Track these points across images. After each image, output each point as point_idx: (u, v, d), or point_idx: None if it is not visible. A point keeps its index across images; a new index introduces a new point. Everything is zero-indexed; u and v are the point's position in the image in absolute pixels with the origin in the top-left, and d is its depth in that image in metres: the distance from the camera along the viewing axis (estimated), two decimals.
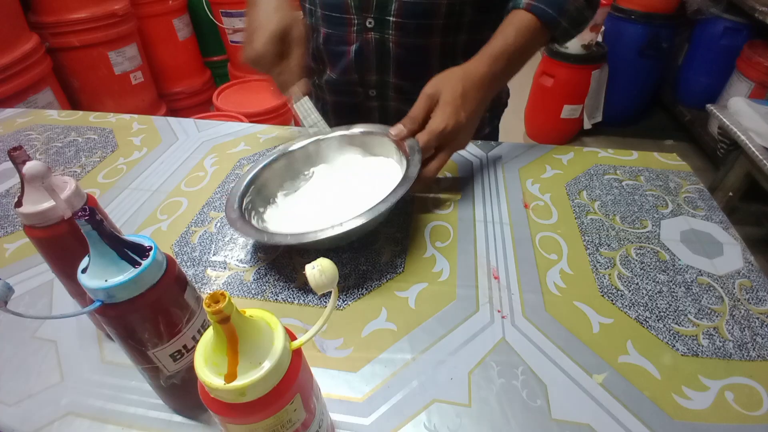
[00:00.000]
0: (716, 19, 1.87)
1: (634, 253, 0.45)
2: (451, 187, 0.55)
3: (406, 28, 0.59)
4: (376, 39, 0.61)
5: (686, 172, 0.57)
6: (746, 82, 1.72)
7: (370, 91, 0.67)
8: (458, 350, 0.36)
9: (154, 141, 0.66)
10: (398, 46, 0.61)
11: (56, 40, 1.51)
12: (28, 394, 0.34)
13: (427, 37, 0.60)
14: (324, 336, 0.38)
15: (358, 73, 0.65)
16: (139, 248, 0.25)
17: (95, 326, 0.39)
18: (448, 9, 0.58)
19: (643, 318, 0.39)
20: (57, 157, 0.64)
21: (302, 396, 0.23)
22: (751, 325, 0.38)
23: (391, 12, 0.58)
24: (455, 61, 0.63)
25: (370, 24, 0.60)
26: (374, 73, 0.64)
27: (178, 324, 0.27)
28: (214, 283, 0.43)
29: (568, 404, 0.33)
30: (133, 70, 1.72)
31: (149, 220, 0.51)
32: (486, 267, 0.44)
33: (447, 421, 0.32)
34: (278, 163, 0.51)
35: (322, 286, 0.23)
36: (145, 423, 0.32)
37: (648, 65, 2.06)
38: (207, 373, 0.21)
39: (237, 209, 0.44)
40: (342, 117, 0.74)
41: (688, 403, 0.33)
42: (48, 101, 1.44)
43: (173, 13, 1.87)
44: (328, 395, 0.34)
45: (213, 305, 0.19)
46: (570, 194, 0.53)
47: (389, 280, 0.43)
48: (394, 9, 0.58)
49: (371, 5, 0.59)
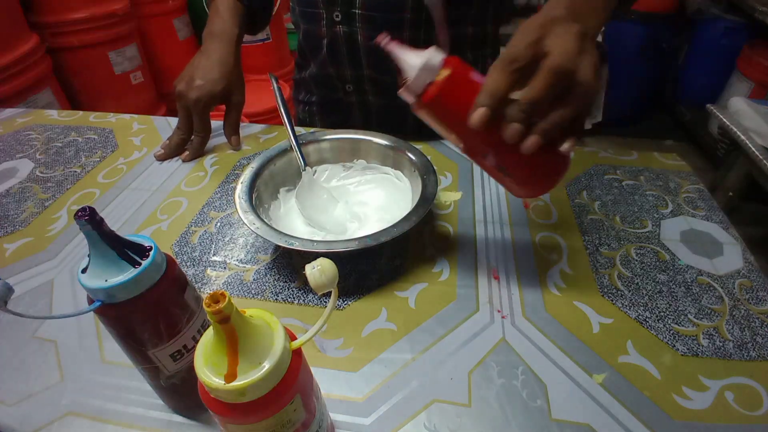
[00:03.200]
0: (716, 19, 1.88)
1: (634, 253, 0.45)
2: (451, 187, 0.55)
3: (373, 21, 0.59)
4: (345, 32, 0.61)
5: (686, 172, 0.57)
6: (746, 82, 1.72)
7: (347, 86, 0.68)
8: (458, 350, 0.36)
9: (154, 141, 0.66)
10: (368, 39, 0.61)
11: (56, 40, 1.50)
12: (28, 394, 0.34)
13: (396, 31, 0.60)
14: (324, 336, 0.38)
15: (333, 67, 0.66)
16: (139, 248, 0.25)
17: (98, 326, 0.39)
18: (415, 2, 0.58)
19: (643, 318, 0.39)
20: (57, 157, 0.64)
21: (302, 396, 0.23)
22: (751, 325, 0.38)
23: (356, 5, 0.59)
24: None
25: (338, 17, 0.61)
26: (348, 67, 0.65)
27: (178, 324, 0.27)
28: (214, 283, 0.43)
29: (568, 404, 0.33)
30: (133, 70, 1.72)
31: (149, 220, 0.51)
32: (486, 267, 0.44)
33: (447, 421, 0.32)
34: (281, 159, 0.51)
35: (322, 286, 0.23)
36: (145, 423, 0.32)
37: (648, 65, 2.06)
38: (207, 373, 0.21)
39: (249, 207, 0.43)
40: (326, 114, 0.75)
41: (688, 403, 0.33)
42: (48, 101, 1.44)
43: (173, 13, 1.87)
44: (328, 395, 0.34)
45: (213, 305, 0.19)
46: (570, 194, 0.53)
47: (389, 280, 0.43)
48: (359, 2, 0.58)
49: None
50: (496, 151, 0.33)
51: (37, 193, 0.57)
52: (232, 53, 0.62)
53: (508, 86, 0.30)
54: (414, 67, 0.32)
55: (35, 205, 0.55)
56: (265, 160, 0.50)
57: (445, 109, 0.33)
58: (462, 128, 0.32)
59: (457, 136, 0.34)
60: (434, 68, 0.32)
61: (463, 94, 0.32)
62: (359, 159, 0.54)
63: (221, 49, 0.61)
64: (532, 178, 0.34)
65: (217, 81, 0.60)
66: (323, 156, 0.54)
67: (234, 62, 0.62)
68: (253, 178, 0.47)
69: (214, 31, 0.62)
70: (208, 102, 0.60)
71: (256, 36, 0.73)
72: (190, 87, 0.60)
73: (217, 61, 0.61)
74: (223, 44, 0.62)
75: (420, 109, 0.34)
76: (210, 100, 0.60)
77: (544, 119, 0.30)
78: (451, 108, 0.33)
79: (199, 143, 0.62)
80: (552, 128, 0.30)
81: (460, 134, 0.34)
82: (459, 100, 0.32)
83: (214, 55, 0.61)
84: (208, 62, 0.61)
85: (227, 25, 0.62)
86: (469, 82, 0.32)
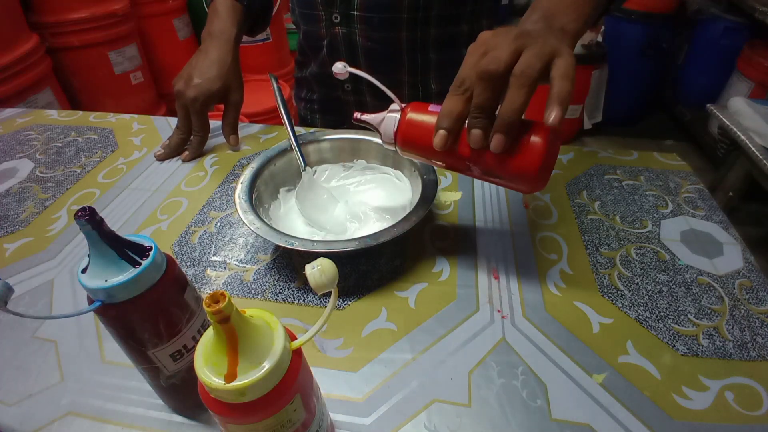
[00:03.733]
0: (716, 19, 1.88)
1: (634, 253, 0.45)
2: (451, 187, 0.55)
3: (371, 22, 0.60)
4: (344, 33, 0.62)
5: (686, 172, 0.57)
6: (746, 82, 1.72)
7: (345, 85, 0.68)
8: (458, 350, 0.36)
9: (154, 141, 0.66)
10: (366, 39, 0.61)
11: (56, 40, 1.51)
12: (28, 394, 0.34)
13: (394, 31, 0.61)
14: (324, 336, 0.38)
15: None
16: (139, 248, 0.25)
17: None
18: (413, 2, 0.58)
19: (643, 318, 0.39)
20: (57, 156, 0.64)
21: (302, 396, 0.23)
22: (751, 325, 0.38)
23: (354, 6, 0.59)
24: (426, 55, 0.64)
25: (336, 19, 0.61)
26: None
27: (178, 324, 0.27)
28: (214, 283, 0.43)
29: (568, 404, 0.33)
30: (133, 70, 1.72)
31: (149, 220, 0.51)
32: (486, 267, 0.44)
33: (447, 421, 0.32)
34: (281, 159, 0.51)
35: (322, 286, 0.23)
36: (145, 423, 0.32)
37: (648, 65, 2.06)
38: (207, 373, 0.21)
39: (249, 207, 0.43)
40: (326, 112, 0.75)
41: (688, 403, 0.33)
42: (48, 101, 1.44)
43: (173, 13, 1.87)
44: (328, 395, 0.34)
45: (213, 305, 0.19)
46: (570, 194, 0.53)
47: (389, 280, 0.43)
48: (357, 3, 0.59)
49: (335, 1, 0.60)
50: (475, 161, 0.36)
51: (37, 193, 0.57)
52: (230, 52, 0.62)
53: (460, 107, 0.34)
54: (379, 122, 0.39)
55: (35, 205, 0.55)
56: (265, 160, 0.50)
57: (415, 144, 0.38)
58: (437, 154, 0.36)
59: (438, 160, 0.38)
60: (394, 117, 0.38)
61: (425, 125, 0.36)
62: (359, 159, 0.54)
63: (219, 48, 0.61)
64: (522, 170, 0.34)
65: (214, 79, 0.60)
66: (323, 156, 0.54)
67: (232, 61, 0.62)
68: (253, 178, 0.47)
69: (212, 31, 0.62)
70: (205, 101, 0.60)
71: (256, 36, 0.73)
72: (188, 86, 0.60)
73: (215, 60, 0.61)
74: (221, 44, 0.62)
75: (401, 151, 0.39)
76: (208, 99, 0.60)
77: (498, 116, 0.32)
78: (419, 141, 0.37)
79: (198, 143, 0.62)
80: (508, 119, 0.32)
81: (439, 158, 0.37)
82: (423, 132, 0.37)
83: (212, 55, 0.61)
84: (206, 61, 0.61)
85: (226, 25, 0.62)
86: (428, 114, 0.37)
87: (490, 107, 0.33)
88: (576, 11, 0.38)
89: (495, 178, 0.36)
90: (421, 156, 0.39)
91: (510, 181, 0.36)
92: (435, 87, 0.67)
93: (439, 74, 0.67)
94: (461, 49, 0.65)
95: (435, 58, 0.65)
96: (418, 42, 0.62)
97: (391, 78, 0.54)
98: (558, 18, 0.37)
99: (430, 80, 0.67)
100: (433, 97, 0.68)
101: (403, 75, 0.65)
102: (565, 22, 0.37)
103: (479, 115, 0.33)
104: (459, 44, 0.65)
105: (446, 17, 0.61)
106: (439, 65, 0.66)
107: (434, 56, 0.64)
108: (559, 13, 0.38)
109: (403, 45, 0.62)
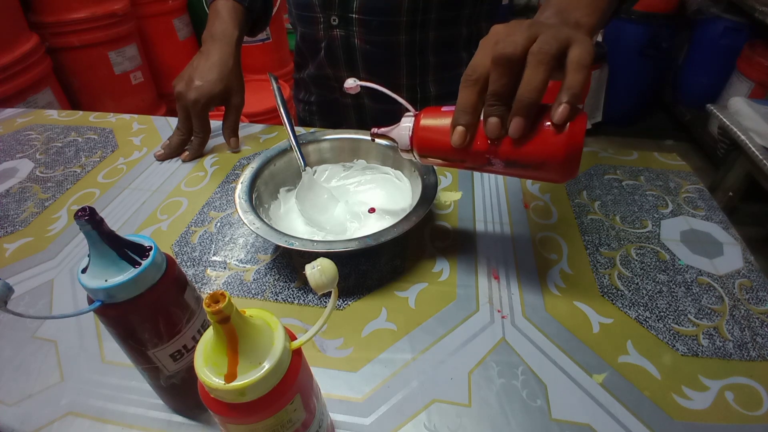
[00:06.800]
0: (716, 19, 1.88)
1: (634, 253, 0.45)
2: (451, 187, 0.55)
3: (369, 25, 0.60)
4: (342, 36, 0.62)
5: (686, 172, 0.57)
6: (746, 82, 1.72)
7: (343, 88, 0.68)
8: (458, 350, 0.36)
9: (154, 141, 0.66)
10: (364, 42, 0.61)
11: (56, 40, 1.51)
12: (28, 394, 0.34)
13: (392, 34, 0.60)
14: (324, 336, 0.38)
15: (330, 69, 0.66)
16: (139, 248, 0.25)
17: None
18: (411, 6, 0.58)
19: (643, 318, 0.39)
20: (57, 156, 0.64)
21: (302, 396, 0.23)
22: (751, 325, 0.38)
23: (353, 9, 0.59)
24: (425, 58, 0.64)
25: (335, 21, 0.61)
26: (343, 69, 0.65)
27: (178, 324, 0.27)
28: (214, 283, 0.43)
29: (568, 404, 0.33)
30: (133, 70, 1.72)
31: (149, 220, 0.51)
32: (486, 267, 0.44)
33: (447, 421, 0.32)
34: (281, 159, 0.51)
35: (322, 286, 0.23)
36: (145, 423, 0.32)
37: (648, 65, 2.06)
38: (207, 373, 0.21)
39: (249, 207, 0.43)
40: (324, 114, 0.76)
41: (688, 403, 0.33)
42: (48, 101, 1.44)
43: (173, 13, 1.87)
44: (328, 395, 0.34)
45: (213, 305, 0.19)
46: (570, 194, 0.53)
47: (389, 280, 0.43)
48: (356, 6, 0.59)
49: (334, 3, 0.60)
50: (496, 153, 0.34)
51: (37, 193, 0.57)
52: (231, 54, 0.62)
53: (474, 99, 0.32)
54: (395, 131, 0.38)
55: (35, 205, 0.55)
56: (265, 160, 0.50)
57: (432, 147, 0.36)
58: (457, 152, 0.35)
59: (458, 159, 0.36)
60: (408, 124, 0.37)
61: (440, 127, 0.35)
62: (359, 159, 0.54)
63: (221, 50, 0.61)
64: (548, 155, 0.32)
65: (215, 82, 0.60)
66: (323, 156, 0.54)
67: (233, 64, 0.62)
68: (253, 178, 0.47)
69: (214, 33, 0.62)
70: (206, 103, 0.60)
71: (256, 36, 0.73)
72: (189, 88, 0.60)
73: (217, 62, 0.61)
74: (222, 46, 0.62)
75: (420, 157, 0.38)
76: (208, 101, 0.60)
77: (516, 99, 0.30)
78: (436, 143, 0.36)
79: (199, 144, 0.62)
80: (527, 100, 0.30)
81: (459, 157, 0.36)
82: (439, 134, 0.35)
83: (213, 57, 0.61)
84: (208, 63, 0.61)
85: (227, 26, 0.62)
86: (442, 115, 0.35)
87: (508, 94, 0.31)
88: (590, 6, 0.37)
89: (521, 170, 0.34)
90: (440, 159, 0.37)
91: (538, 171, 0.34)
92: (433, 90, 0.67)
93: (437, 77, 0.67)
94: (460, 52, 0.65)
95: (433, 61, 0.65)
96: (417, 45, 0.62)
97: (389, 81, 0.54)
98: (572, 13, 0.36)
99: (428, 83, 0.67)
100: (432, 101, 0.67)
101: (402, 78, 0.65)
102: (579, 16, 0.36)
103: (496, 102, 0.31)
104: (457, 47, 0.65)
105: (445, 20, 0.61)
106: (437, 68, 0.65)
107: (433, 59, 0.64)
108: (572, 8, 0.36)
109: (402, 48, 0.62)
